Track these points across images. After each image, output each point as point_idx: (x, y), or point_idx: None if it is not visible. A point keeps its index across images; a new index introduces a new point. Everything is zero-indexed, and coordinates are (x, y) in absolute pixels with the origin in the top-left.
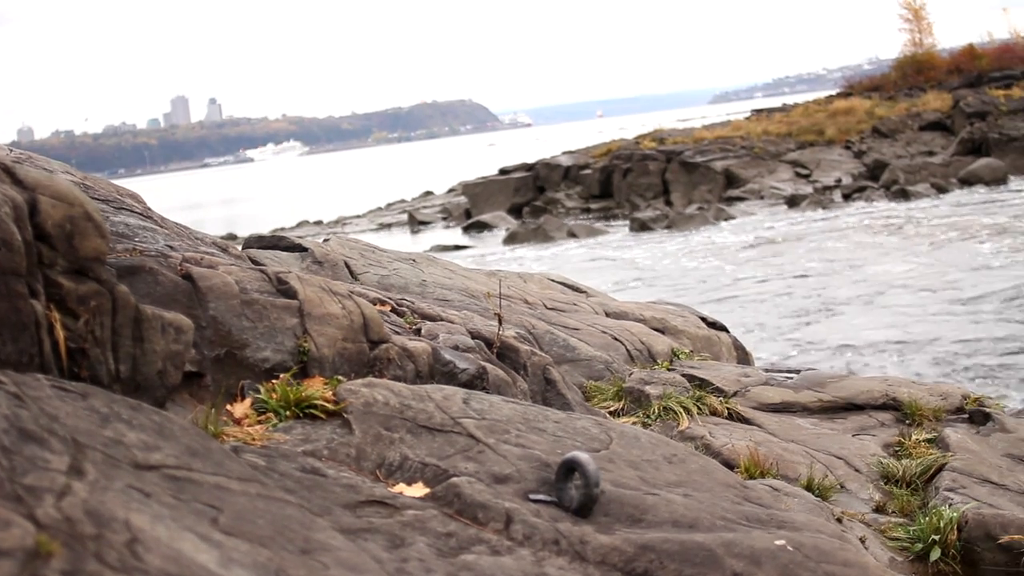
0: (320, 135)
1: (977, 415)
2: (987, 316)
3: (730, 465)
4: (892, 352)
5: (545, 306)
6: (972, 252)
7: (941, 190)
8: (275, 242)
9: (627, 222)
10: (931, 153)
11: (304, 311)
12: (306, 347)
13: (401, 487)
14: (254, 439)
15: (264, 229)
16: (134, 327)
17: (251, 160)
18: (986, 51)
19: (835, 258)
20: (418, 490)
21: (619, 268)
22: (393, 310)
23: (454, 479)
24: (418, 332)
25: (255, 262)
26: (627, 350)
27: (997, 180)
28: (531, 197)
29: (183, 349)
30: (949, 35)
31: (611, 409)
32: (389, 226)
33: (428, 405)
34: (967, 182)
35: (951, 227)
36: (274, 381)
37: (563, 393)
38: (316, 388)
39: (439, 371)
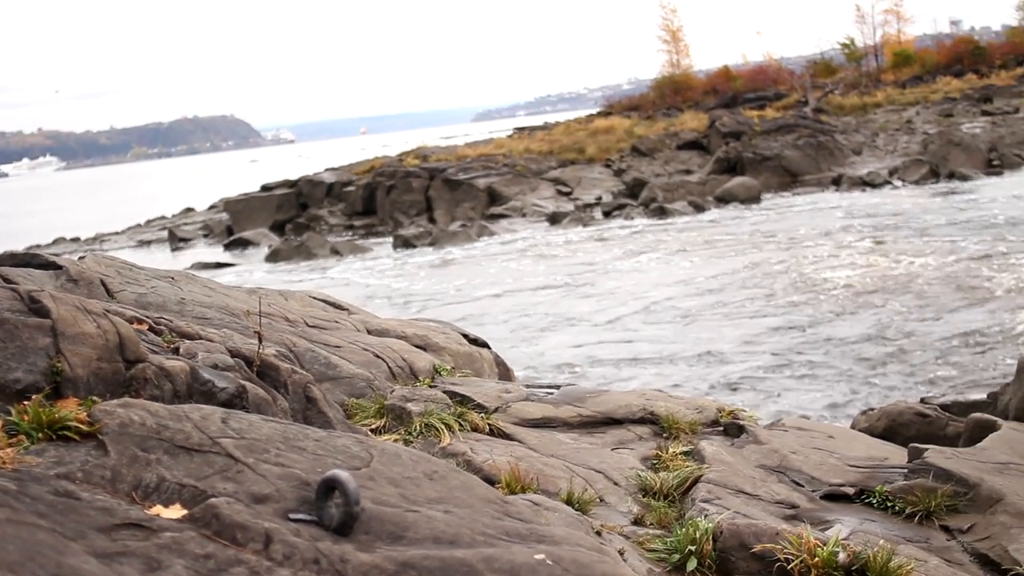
0: (78, 150)
1: (732, 428)
2: (734, 329)
3: (491, 481)
4: (644, 365)
5: (306, 324)
6: (716, 266)
7: (698, 208)
8: (28, 259)
9: (391, 239)
10: (688, 172)
11: (57, 330)
12: (60, 367)
13: (158, 509)
14: (4, 463)
15: (18, 246)
16: None
17: (5, 175)
18: (741, 73)
19: (586, 273)
20: (175, 512)
21: (382, 285)
22: (151, 329)
23: (212, 500)
24: (176, 351)
25: (6, 280)
26: (389, 367)
27: (751, 198)
28: (294, 214)
29: None
30: (706, 57)
31: (373, 427)
32: (149, 243)
33: (186, 425)
34: (723, 200)
35: (700, 243)
36: (26, 403)
37: (324, 411)
38: (70, 409)
39: (198, 390)
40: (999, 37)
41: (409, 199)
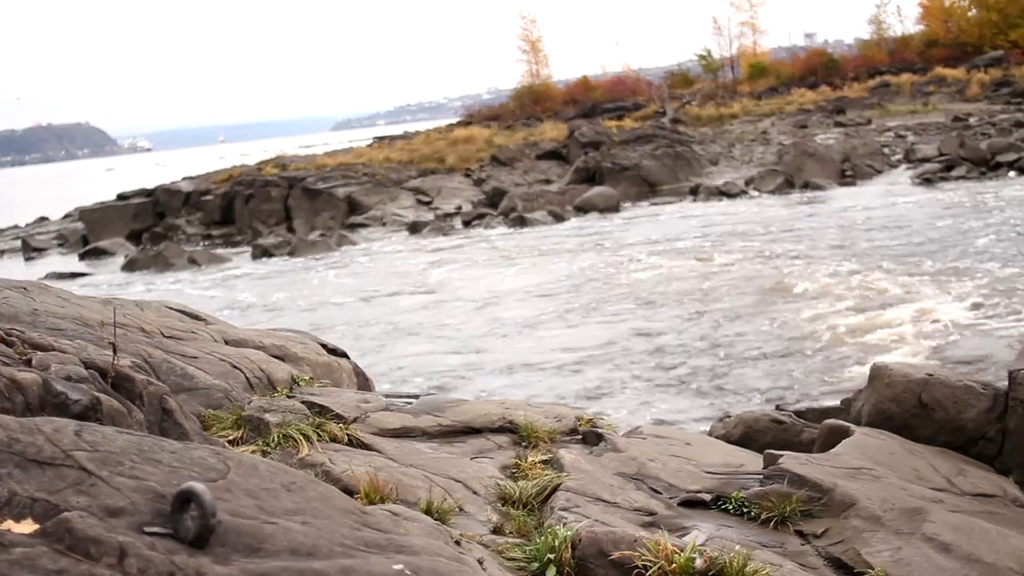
0: None
1: (590, 436)
2: (582, 337)
3: (350, 491)
4: (497, 374)
5: (163, 334)
6: (567, 275)
7: (558, 217)
8: None
9: (249, 249)
10: (548, 181)
11: None
12: None
13: (9, 524)
14: None
15: None
16: None
17: None
18: (600, 83)
19: (444, 282)
20: (27, 527)
21: (240, 295)
22: (1, 340)
23: (65, 514)
24: (28, 363)
25: None
26: (247, 378)
27: (610, 208)
28: (151, 223)
29: None
30: (565, 67)
31: (230, 438)
32: (1, 253)
33: (38, 438)
34: (582, 209)
35: (555, 252)
36: None
37: (180, 423)
38: None
39: (51, 403)
40: (851, 50)
41: (268, 208)
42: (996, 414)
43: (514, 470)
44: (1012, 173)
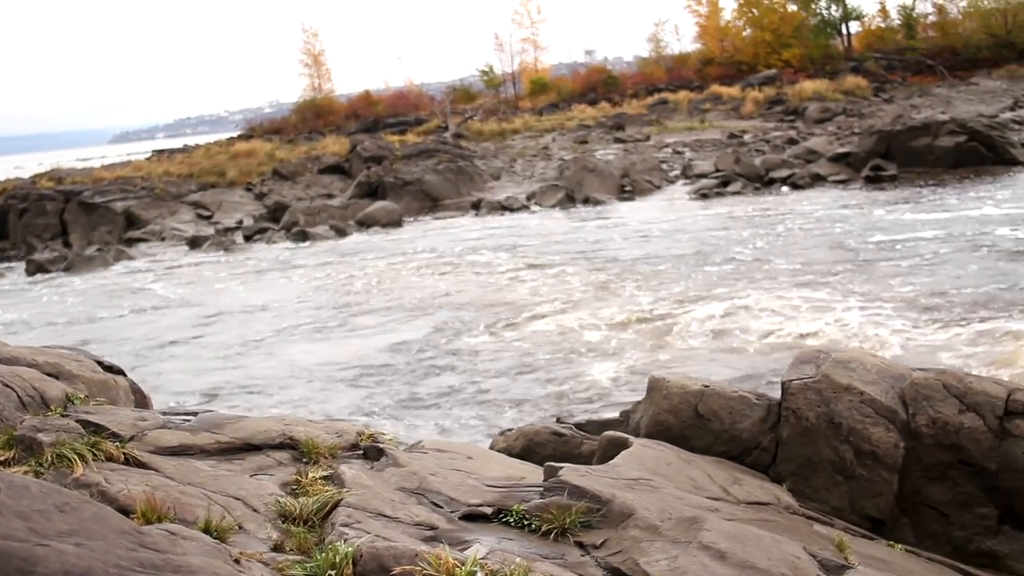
0: None
1: (371, 451)
2: (355, 350)
3: (126, 511)
4: (269, 390)
5: None
6: (342, 287)
7: (340, 232)
8: None
9: (23, 264)
10: (331, 196)
11: None
12: None
13: None
14: None
15: None
16: None
17: None
18: (382, 97)
19: (216, 297)
20: None
21: (12, 311)
22: None
23: None
24: None
25: None
26: (19, 397)
27: (393, 222)
28: None
29: None
30: (348, 81)
31: (1, 459)
32: None
33: None
34: (365, 224)
35: (327, 265)
36: None
37: None
38: None
39: None
40: (631, 67)
41: (43, 223)
42: (770, 424)
43: (295, 487)
44: (785, 188)
